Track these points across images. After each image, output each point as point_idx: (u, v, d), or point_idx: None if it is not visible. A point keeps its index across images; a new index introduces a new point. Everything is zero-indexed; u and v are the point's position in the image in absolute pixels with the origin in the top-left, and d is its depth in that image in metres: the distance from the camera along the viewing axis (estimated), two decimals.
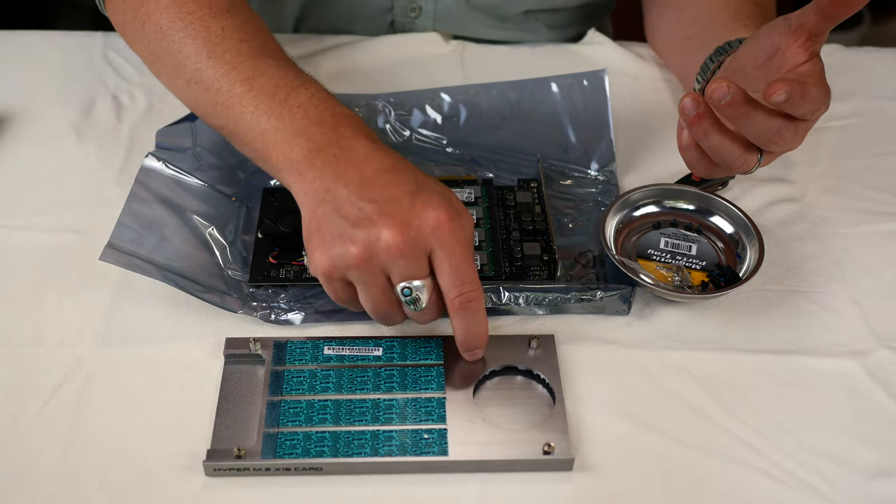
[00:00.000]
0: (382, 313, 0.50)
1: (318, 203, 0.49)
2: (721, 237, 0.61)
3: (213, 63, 0.54)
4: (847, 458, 0.50)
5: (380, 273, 0.48)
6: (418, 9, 0.79)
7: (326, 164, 0.50)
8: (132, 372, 0.53)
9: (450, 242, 0.48)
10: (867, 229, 0.64)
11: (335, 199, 0.48)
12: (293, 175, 0.51)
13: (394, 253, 0.47)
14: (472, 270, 0.49)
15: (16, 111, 0.71)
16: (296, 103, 0.52)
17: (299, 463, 0.48)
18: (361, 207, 0.47)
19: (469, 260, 0.48)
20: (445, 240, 0.48)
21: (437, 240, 0.47)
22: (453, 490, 0.48)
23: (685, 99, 0.52)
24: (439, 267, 0.48)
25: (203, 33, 0.55)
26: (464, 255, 0.48)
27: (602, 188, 0.65)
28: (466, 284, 0.48)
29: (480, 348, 0.52)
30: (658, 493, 0.49)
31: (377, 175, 0.49)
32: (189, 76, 0.55)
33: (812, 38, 0.52)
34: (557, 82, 0.70)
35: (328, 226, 0.48)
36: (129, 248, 0.56)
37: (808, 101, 0.49)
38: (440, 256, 0.48)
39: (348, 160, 0.49)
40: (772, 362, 0.55)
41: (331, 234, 0.48)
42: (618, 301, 0.57)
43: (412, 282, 0.48)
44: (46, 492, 0.48)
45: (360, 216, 0.47)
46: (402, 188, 0.48)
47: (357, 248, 0.47)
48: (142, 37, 0.58)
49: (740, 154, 0.53)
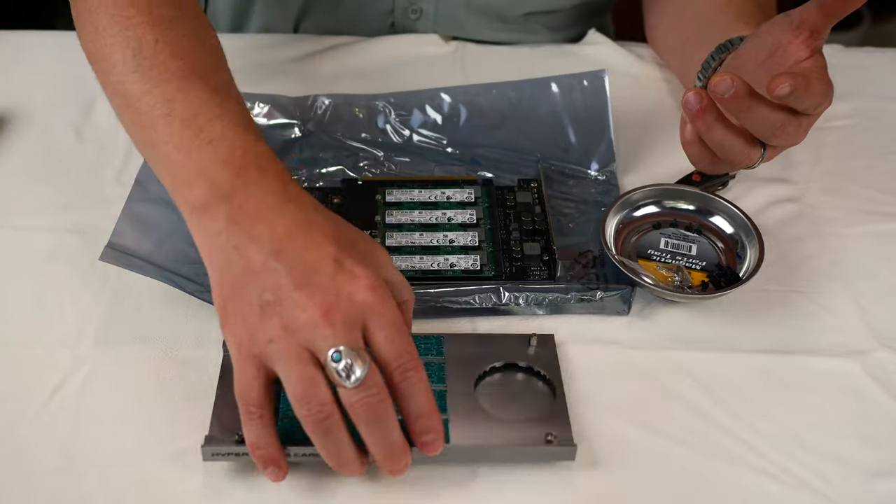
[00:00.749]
0: (314, 408, 0.42)
1: (228, 265, 0.44)
2: (721, 237, 0.61)
3: (137, 77, 0.50)
4: (847, 458, 0.50)
5: (303, 349, 0.42)
6: (419, 10, 0.79)
7: (231, 217, 0.44)
8: (132, 372, 0.53)
9: (382, 312, 0.43)
10: (867, 229, 0.64)
11: (248, 263, 0.43)
12: (195, 222, 0.46)
13: (320, 324, 0.41)
14: (408, 340, 0.43)
15: (16, 111, 0.71)
16: (207, 137, 0.47)
17: (299, 450, 0.46)
18: (278, 276, 0.42)
19: (404, 329, 0.44)
20: (377, 312, 0.42)
21: (370, 312, 0.42)
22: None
23: (688, 93, 0.52)
24: (374, 340, 0.43)
25: (135, 43, 0.51)
26: (398, 325, 0.43)
27: (602, 188, 0.65)
28: (404, 355, 0.43)
29: (434, 430, 0.44)
30: (658, 492, 0.49)
31: (291, 235, 0.43)
32: (113, 87, 0.51)
33: (814, 35, 0.52)
34: (557, 82, 0.70)
35: (243, 297, 0.43)
36: (129, 248, 0.56)
37: (812, 94, 0.49)
38: (373, 328, 0.43)
39: (255, 213, 0.44)
40: (772, 362, 0.55)
41: (248, 303, 0.43)
42: (618, 301, 0.57)
43: (340, 346, 0.41)
44: (46, 492, 0.48)
45: (278, 285, 0.42)
46: (320, 253, 0.43)
47: (279, 320, 0.42)
48: (82, 32, 0.55)
49: (743, 148, 0.54)
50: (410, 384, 0.43)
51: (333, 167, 0.66)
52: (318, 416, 0.42)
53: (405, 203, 0.63)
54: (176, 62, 0.50)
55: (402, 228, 0.61)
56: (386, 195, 0.63)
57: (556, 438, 0.48)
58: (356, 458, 0.44)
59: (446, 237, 0.60)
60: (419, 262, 0.58)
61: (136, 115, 0.50)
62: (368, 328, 0.43)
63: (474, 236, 0.60)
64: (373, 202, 0.63)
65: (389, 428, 0.43)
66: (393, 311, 0.43)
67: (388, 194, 0.63)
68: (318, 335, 0.41)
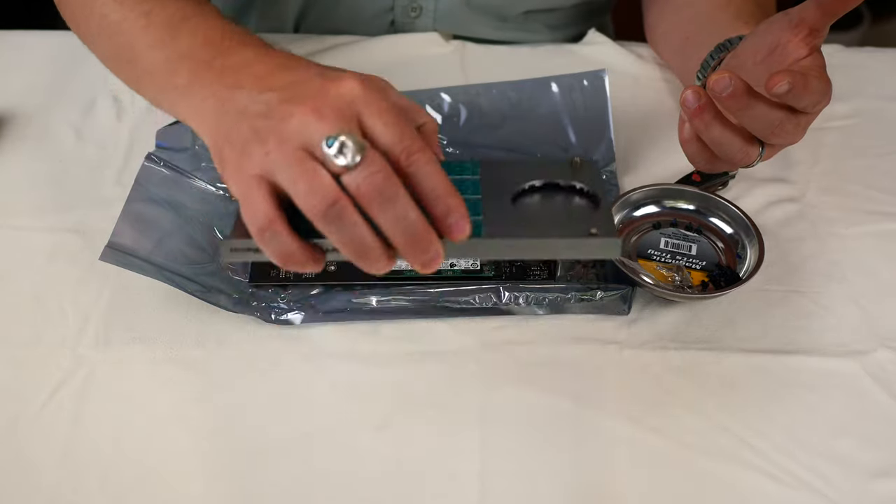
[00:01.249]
0: (318, 197, 0.40)
1: (217, 117, 0.43)
2: (721, 237, 0.61)
3: (115, 7, 0.52)
4: (847, 458, 0.50)
5: (300, 150, 0.40)
6: (419, 9, 0.79)
7: (214, 78, 0.44)
8: (132, 372, 0.53)
9: (376, 103, 0.41)
10: (867, 229, 0.64)
11: (235, 105, 0.43)
12: (183, 102, 0.46)
13: (311, 120, 0.40)
14: (408, 124, 0.41)
15: (16, 111, 0.71)
16: (186, 30, 0.48)
17: (325, 242, 0.42)
18: (266, 100, 0.42)
19: (401, 114, 0.41)
20: (370, 100, 0.41)
21: (361, 103, 0.41)
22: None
23: (687, 91, 0.52)
24: (370, 130, 0.41)
25: None
26: (393, 110, 0.41)
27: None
28: (406, 138, 0.41)
29: (456, 210, 0.41)
30: (658, 493, 0.49)
31: (272, 70, 0.43)
32: (97, 25, 0.53)
33: (813, 33, 0.52)
34: (557, 82, 0.70)
35: (236, 133, 0.42)
36: (128, 248, 0.56)
37: (810, 92, 0.49)
38: (367, 116, 0.41)
39: (236, 67, 0.44)
40: (772, 362, 0.55)
41: (242, 140, 0.42)
42: (618, 301, 0.57)
43: (331, 133, 0.40)
44: (46, 492, 0.48)
45: (267, 109, 0.41)
46: (305, 72, 0.43)
47: (272, 135, 0.41)
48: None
49: (742, 147, 0.53)
50: (419, 166, 0.41)
51: None
52: (323, 203, 0.40)
53: None
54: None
55: None
56: None
57: (600, 230, 0.43)
58: (378, 246, 0.41)
59: None
60: None
61: (119, 39, 0.51)
62: (363, 120, 0.41)
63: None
64: None
65: (403, 206, 0.40)
66: (386, 99, 0.41)
67: None
68: (311, 130, 0.40)
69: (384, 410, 0.52)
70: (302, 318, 0.56)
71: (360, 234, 0.41)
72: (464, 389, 0.53)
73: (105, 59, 0.56)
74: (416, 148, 0.41)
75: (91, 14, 0.54)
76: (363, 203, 0.40)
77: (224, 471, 0.49)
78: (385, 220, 0.40)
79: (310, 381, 0.53)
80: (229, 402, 0.52)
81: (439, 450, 0.50)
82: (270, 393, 0.53)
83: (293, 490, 0.48)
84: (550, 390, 0.53)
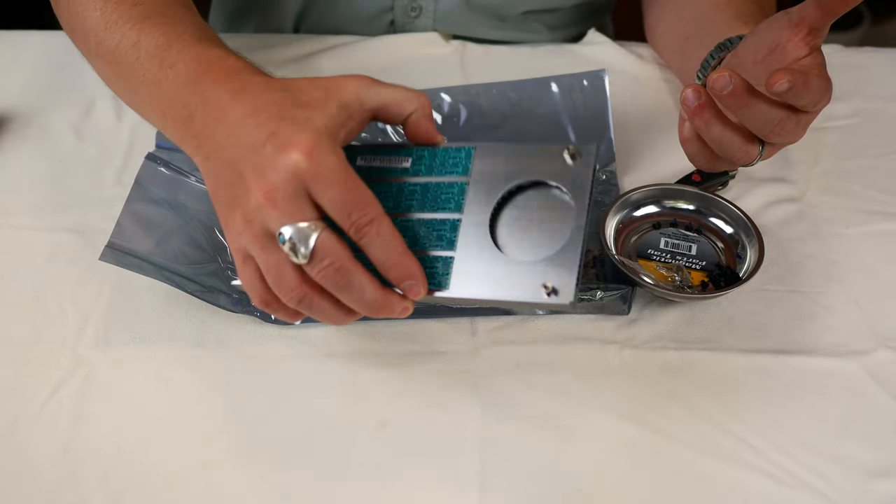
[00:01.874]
0: (287, 294, 0.44)
1: (208, 178, 0.47)
2: (721, 237, 0.61)
3: (108, 33, 0.54)
4: (847, 458, 0.50)
5: (264, 234, 0.43)
6: (419, 9, 0.79)
7: (199, 132, 0.47)
8: (132, 372, 0.53)
9: (319, 174, 0.42)
10: (867, 229, 0.64)
11: (216, 169, 0.45)
12: (187, 150, 0.49)
13: (265, 206, 0.42)
14: (356, 193, 0.43)
15: (16, 111, 0.71)
16: (169, 63, 0.50)
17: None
18: (234, 170, 0.44)
19: (349, 183, 0.43)
20: (315, 173, 0.42)
21: (308, 176, 0.42)
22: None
23: (687, 90, 0.52)
24: (322, 205, 0.43)
25: (101, 2, 0.55)
26: (339, 181, 0.42)
27: (602, 188, 0.65)
28: (354, 212, 0.43)
29: (409, 275, 0.44)
30: (658, 492, 0.49)
31: (240, 123, 0.44)
32: (95, 51, 0.55)
33: (813, 32, 0.52)
34: (557, 82, 0.70)
35: (221, 198, 0.46)
36: (128, 248, 0.56)
37: (810, 91, 0.49)
38: (316, 193, 0.42)
39: (214, 118, 0.46)
40: (772, 362, 0.55)
41: (225, 205, 0.45)
42: (618, 301, 0.57)
43: (283, 227, 0.42)
44: (46, 492, 0.48)
45: (236, 179, 0.44)
46: (262, 132, 0.43)
47: (241, 212, 0.44)
48: (60, 14, 0.60)
49: (742, 145, 0.53)
50: (370, 239, 0.43)
51: None
52: (292, 299, 0.44)
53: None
54: (137, 9, 0.54)
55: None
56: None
57: (553, 291, 0.45)
58: (353, 313, 0.46)
59: None
60: None
61: (116, 68, 0.54)
62: (313, 195, 0.43)
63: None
64: None
65: (359, 288, 0.44)
66: (332, 168, 0.42)
67: None
68: (268, 217, 0.42)
69: (384, 410, 0.52)
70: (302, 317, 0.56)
71: (332, 314, 0.46)
72: (464, 389, 0.53)
73: (102, 74, 0.58)
74: (364, 221, 0.43)
75: (87, 39, 0.56)
76: (326, 288, 0.44)
77: (224, 471, 0.49)
78: (347, 300, 0.45)
79: (310, 381, 0.53)
80: (229, 402, 0.52)
81: (439, 450, 0.50)
82: (270, 393, 0.53)
83: (293, 490, 0.48)
84: (550, 390, 0.53)
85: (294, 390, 0.53)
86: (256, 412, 0.52)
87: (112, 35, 0.53)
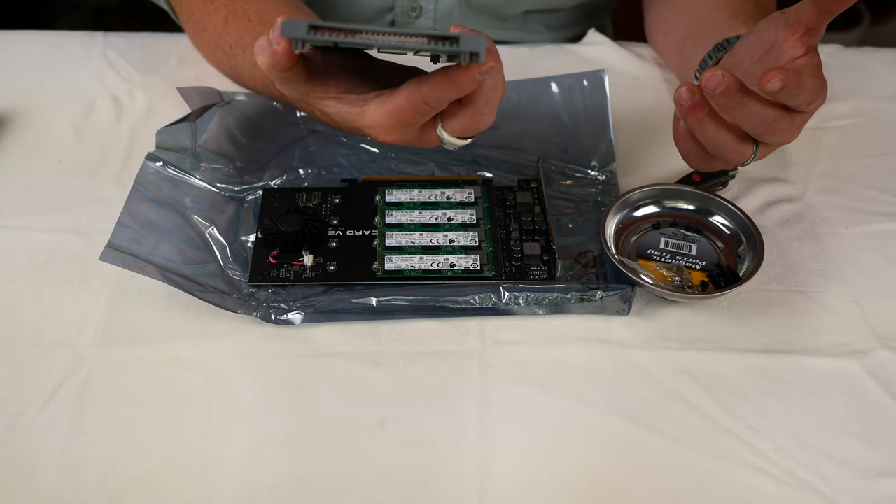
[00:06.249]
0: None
1: None
2: (721, 237, 0.61)
3: (229, 28, 0.66)
4: (847, 458, 0.50)
5: None
6: (419, 9, 0.79)
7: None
8: (132, 372, 0.53)
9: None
10: (867, 229, 0.64)
11: None
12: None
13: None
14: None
15: (16, 111, 0.71)
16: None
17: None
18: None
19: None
20: None
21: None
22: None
23: (681, 89, 0.52)
24: None
25: (224, 11, 0.67)
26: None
27: (602, 188, 0.65)
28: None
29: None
30: (658, 492, 0.49)
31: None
32: (214, 47, 0.68)
33: (809, 32, 0.52)
34: (557, 82, 0.70)
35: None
36: (128, 248, 0.56)
37: (803, 90, 0.49)
38: None
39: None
40: (772, 362, 0.55)
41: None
42: (618, 301, 0.57)
43: None
44: (46, 492, 0.48)
45: None
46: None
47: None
48: (196, 41, 0.73)
49: (735, 145, 0.53)
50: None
51: (335, 166, 0.66)
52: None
53: (405, 203, 0.63)
54: (252, 6, 0.66)
55: (403, 228, 0.61)
56: (386, 195, 0.63)
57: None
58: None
59: (446, 237, 0.60)
60: (419, 261, 0.58)
61: (232, 60, 0.68)
62: None
63: (474, 236, 0.60)
64: (373, 202, 0.63)
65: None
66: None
67: (388, 194, 0.63)
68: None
69: (384, 410, 0.52)
70: (302, 318, 0.56)
71: None
72: (464, 390, 0.53)
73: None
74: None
75: (206, 42, 0.70)
76: None
77: (224, 471, 0.49)
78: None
79: (310, 381, 0.53)
80: (229, 402, 0.52)
81: (439, 450, 0.50)
82: (270, 393, 0.53)
83: (293, 490, 0.48)
84: (550, 390, 0.53)
85: (294, 390, 0.53)
86: (256, 412, 0.52)
87: (231, 30, 0.66)
